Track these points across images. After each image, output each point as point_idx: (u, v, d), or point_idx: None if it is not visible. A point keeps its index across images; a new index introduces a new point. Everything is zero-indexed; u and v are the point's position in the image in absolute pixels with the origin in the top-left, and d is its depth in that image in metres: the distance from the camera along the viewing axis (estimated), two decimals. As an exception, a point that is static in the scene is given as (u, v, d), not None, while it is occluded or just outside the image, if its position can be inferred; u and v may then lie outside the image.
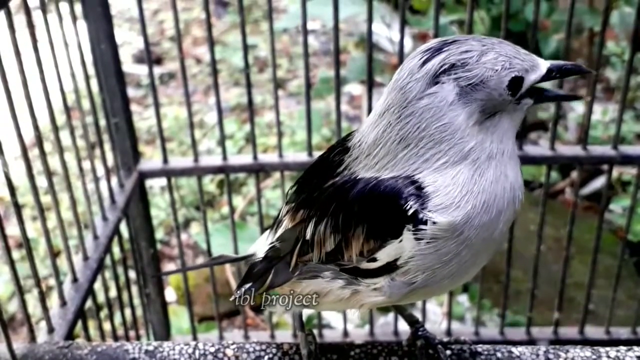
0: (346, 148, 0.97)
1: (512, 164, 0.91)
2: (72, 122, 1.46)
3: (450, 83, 0.86)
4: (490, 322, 2.41)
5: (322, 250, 0.95)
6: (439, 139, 0.87)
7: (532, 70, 0.88)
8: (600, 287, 2.30)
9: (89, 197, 1.58)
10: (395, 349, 1.11)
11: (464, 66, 0.86)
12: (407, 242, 0.87)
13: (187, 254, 2.97)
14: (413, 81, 0.88)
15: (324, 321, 2.14)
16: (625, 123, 3.21)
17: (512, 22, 3.39)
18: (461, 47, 0.87)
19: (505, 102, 0.87)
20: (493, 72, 0.86)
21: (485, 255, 0.94)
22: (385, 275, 0.91)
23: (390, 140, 0.90)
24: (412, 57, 0.89)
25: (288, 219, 1.03)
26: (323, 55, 4.62)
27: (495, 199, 0.88)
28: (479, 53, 0.86)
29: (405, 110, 0.88)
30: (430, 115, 0.87)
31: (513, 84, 0.87)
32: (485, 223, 0.88)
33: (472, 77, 0.86)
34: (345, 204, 0.91)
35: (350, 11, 2.30)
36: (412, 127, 0.88)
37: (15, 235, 2.77)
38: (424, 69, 0.87)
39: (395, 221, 0.87)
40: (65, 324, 1.36)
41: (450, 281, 0.92)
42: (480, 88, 0.86)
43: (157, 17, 5.20)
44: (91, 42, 1.68)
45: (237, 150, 3.59)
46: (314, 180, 1.00)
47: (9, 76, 1.16)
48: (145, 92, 4.25)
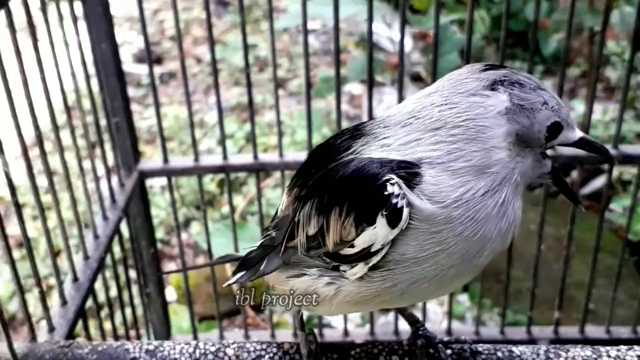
0: (356, 135, 0.95)
1: (519, 201, 0.91)
2: (72, 122, 1.46)
3: (505, 94, 0.87)
4: (490, 322, 2.41)
5: (305, 233, 0.94)
6: (473, 136, 0.86)
7: (569, 129, 0.91)
8: (601, 287, 2.30)
9: (90, 196, 1.58)
10: (396, 349, 1.11)
11: (522, 87, 0.88)
12: (380, 228, 0.86)
13: (187, 253, 2.97)
14: (471, 79, 0.89)
15: (324, 320, 2.14)
16: (625, 122, 3.21)
17: (513, 22, 3.40)
18: (522, 75, 0.89)
19: (538, 141, 0.89)
20: (544, 106, 0.88)
21: (468, 272, 0.93)
22: (362, 262, 0.89)
23: (427, 117, 0.89)
24: (474, 65, 0.91)
25: (284, 203, 1.03)
26: (323, 55, 4.62)
27: (488, 221, 0.87)
28: (536, 85, 0.89)
29: (455, 97, 0.88)
30: (475, 113, 0.87)
31: (553, 128, 0.89)
32: (468, 237, 0.86)
33: (525, 99, 0.87)
34: (331, 184, 0.90)
35: (351, 11, 2.30)
36: (454, 114, 0.87)
37: (15, 234, 2.77)
38: (485, 73, 0.89)
39: (371, 205, 0.86)
40: (65, 323, 1.36)
41: (430, 285, 0.90)
42: (527, 114, 0.87)
43: (158, 16, 5.20)
44: (91, 41, 1.68)
45: (238, 149, 3.59)
46: (314, 165, 0.98)
47: (10, 76, 1.16)
48: (145, 92, 4.25)
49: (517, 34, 3.75)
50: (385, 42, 3.86)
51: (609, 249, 2.46)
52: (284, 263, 1.01)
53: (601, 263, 1.94)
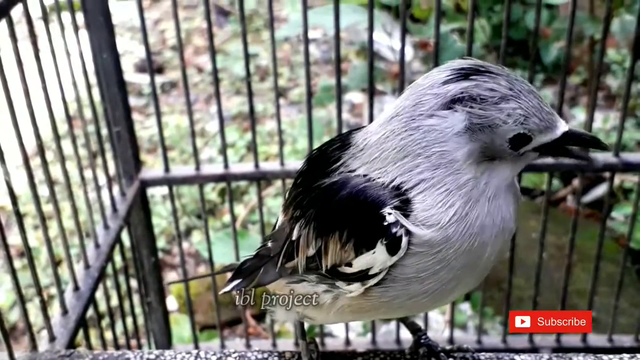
0: (345, 144, 0.96)
1: (508, 198, 0.90)
2: (73, 131, 1.47)
3: (462, 114, 0.84)
4: (492, 330, 2.40)
5: (305, 254, 0.95)
6: (436, 163, 0.86)
7: (547, 132, 0.86)
8: (603, 295, 2.29)
9: (91, 205, 1.58)
10: (398, 357, 1.11)
11: (481, 103, 0.84)
12: (379, 254, 0.87)
13: (188, 262, 2.97)
14: (430, 95, 0.86)
15: (325, 329, 2.13)
16: (626, 131, 3.21)
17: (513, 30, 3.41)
18: (489, 83, 0.85)
19: (505, 152, 0.86)
20: (503, 122, 0.84)
21: (471, 280, 0.93)
22: (359, 282, 0.91)
23: (390, 147, 0.89)
24: (441, 70, 0.88)
25: (281, 215, 1.04)
26: (324, 64, 4.62)
27: (482, 230, 0.87)
28: (500, 96, 0.84)
29: (413, 122, 0.87)
30: (434, 138, 0.86)
31: (516, 140, 0.85)
32: (467, 250, 0.87)
33: (483, 116, 0.84)
34: (329, 207, 0.91)
35: (351, 20, 2.30)
36: (414, 142, 0.87)
37: (16, 244, 2.76)
38: (444, 88, 0.86)
39: (371, 233, 0.87)
40: (66, 333, 1.36)
41: (429, 300, 0.91)
42: (487, 131, 0.85)
43: (159, 26, 5.22)
44: (93, 51, 1.69)
45: (239, 158, 3.59)
46: (308, 176, 0.99)
47: (11, 85, 1.16)
48: (146, 101, 4.25)
49: (518, 42, 3.75)
50: (385, 51, 3.86)
51: (611, 257, 2.46)
52: (280, 276, 1.01)
53: (603, 271, 1.94)
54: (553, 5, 2.97)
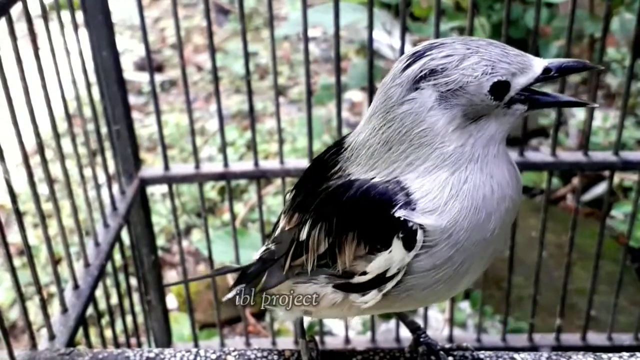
0: (340, 149, 0.97)
1: (500, 164, 0.89)
2: (73, 130, 1.47)
3: (429, 89, 0.85)
4: (492, 329, 2.40)
5: (315, 253, 0.95)
6: (418, 143, 0.87)
7: (523, 73, 0.86)
8: (602, 293, 2.30)
9: (90, 204, 1.58)
10: (397, 356, 1.11)
11: (443, 71, 0.84)
12: (396, 252, 0.87)
13: (188, 260, 2.97)
14: (395, 86, 0.88)
15: (325, 328, 2.14)
16: (626, 129, 3.21)
17: (513, 29, 3.40)
18: (443, 51, 0.85)
19: (490, 107, 0.86)
20: (472, 78, 0.84)
21: (481, 260, 0.93)
22: (375, 289, 0.91)
23: (375, 143, 0.90)
24: (399, 61, 0.89)
25: (284, 221, 1.03)
26: (324, 62, 4.62)
27: (483, 200, 0.87)
28: (460, 57, 0.84)
29: (388, 115, 0.88)
30: (411, 121, 0.87)
31: (496, 89, 0.84)
32: (475, 225, 0.87)
33: (450, 82, 0.84)
34: (339, 208, 0.91)
35: (351, 18, 2.30)
36: (394, 132, 0.88)
37: (16, 242, 2.76)
38: (404, 74, 0.87)
39: (386, 230, 0.87)
40: (66, 331, 1.36)
41: (445, 286, 0.91)
42: (460, 94, 0.84)
43: (158, 24, 5.21)
44: (92, 49, 1.69)
45: (238, 157, 3.59)
46: (309, 182, 1.00)
47: (10, 83, 1.16)
48: (146, 100, 4.25)
49: (518, 41, 3.75)
50: (385, 50, 3.86)
51: (611, 255, 2.46)
52: (287, 278, 1.01)
53: (602, 270, 1.94)
54: (553, 3, 2.96)
